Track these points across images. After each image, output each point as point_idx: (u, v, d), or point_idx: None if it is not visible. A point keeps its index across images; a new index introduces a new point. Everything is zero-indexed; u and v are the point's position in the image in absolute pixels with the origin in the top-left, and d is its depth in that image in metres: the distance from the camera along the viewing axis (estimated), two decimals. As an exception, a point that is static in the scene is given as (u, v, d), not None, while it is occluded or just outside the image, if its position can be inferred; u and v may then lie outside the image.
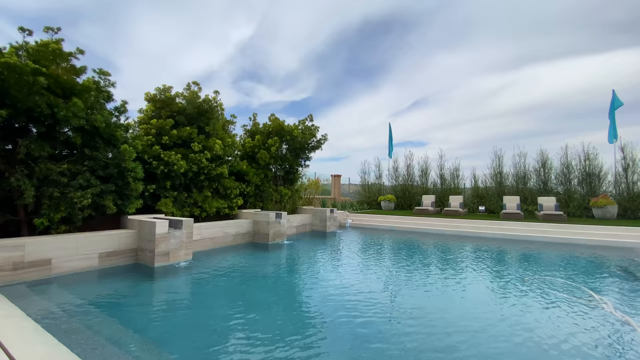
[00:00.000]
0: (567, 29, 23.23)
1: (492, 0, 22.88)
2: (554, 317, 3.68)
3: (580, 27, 22.89)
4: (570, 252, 8.01)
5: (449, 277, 5.45)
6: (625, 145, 12.86)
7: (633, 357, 2.71)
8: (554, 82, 25.86)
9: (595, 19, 21.76)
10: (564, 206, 13.12)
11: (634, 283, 5.21)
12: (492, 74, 28.25)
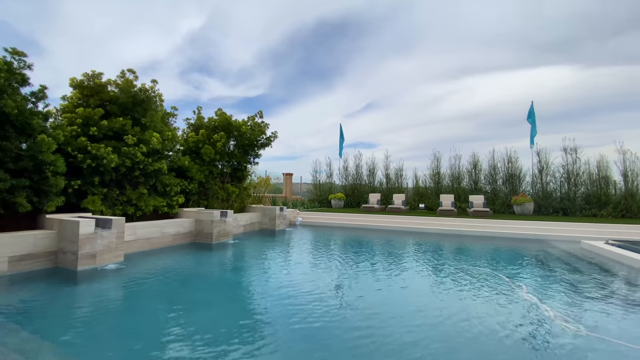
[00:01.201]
0: (501, 45, 25.98)
1: (437, 13, 24.71)
2: (482, 303, 4.10)
3: (512, 44, 25.76)
4: (496, 244, 8.98)
5: (394, 272, 5.75)
6: (540, 151, 14.77)
7: (541, 333, 3.12)
8: (489, 92, 28.78)
9: (525, 38, 24.66)
10: (491, 203, 14.66)
11: (544, 270, 6.01)
12: (436, 82, 30.48)
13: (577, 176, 13.78)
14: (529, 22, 23.44)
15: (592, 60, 24.87)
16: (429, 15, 24.97)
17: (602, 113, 26.08)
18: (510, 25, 23.92)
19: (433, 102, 31.88)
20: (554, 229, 10.44)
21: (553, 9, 22.53)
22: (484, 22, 24.30)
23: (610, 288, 4.79)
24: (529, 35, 24.29)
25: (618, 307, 3.95)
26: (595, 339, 2.92)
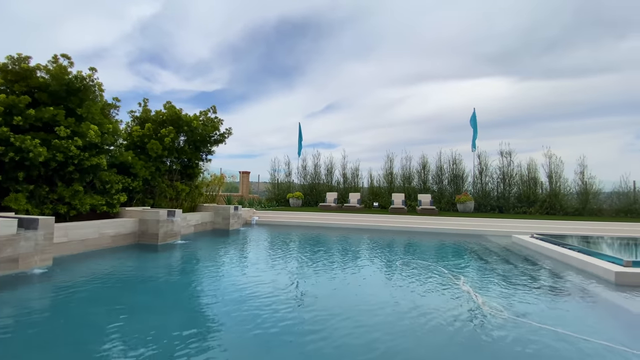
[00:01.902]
0: (450, 55, 27.92)
1: (396, 20, 25.82)
2: (428, 296, 4.37)
3: (460, 55, 27.80)
4: (441, 239, 9.63)
5: (350, 270, 5.88)
6: (480, 154, 16.16)
7: (473, 321, 3.41)
8: (440, 98, 30.73)
9: (471, 50, 26.74)
10: (437, 202, 15.70)
11: (480, 262, 6.58)
12: (394, 86, 31.82)
13: (511, 177, 15.31)
14: (473, 35, 25.51)
15: (526, 74, 27.81)
16: (388, 22, 26.03)
17: (534, 121, 29.28)
18: (458, 37, 25.84)
19: (390, 105, 33.28)
20: (491, 225, 11.49)
21: (494, 24, 24.77)
22: (435, 33, 25.95)
23: (532, 276, 5.41)
24: (473, 48, 26.44)
25: (538, 293, 4.47)
26: (522, 323, 3.28)
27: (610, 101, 26.29)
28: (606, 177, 14.59)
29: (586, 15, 22.89)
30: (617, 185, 14.36)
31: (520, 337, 2.88)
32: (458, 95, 29.60)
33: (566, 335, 2.93)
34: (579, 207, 13.92)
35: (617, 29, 23.54)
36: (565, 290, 4.61)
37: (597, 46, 24.16)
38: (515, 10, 23.28)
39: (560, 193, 14.29)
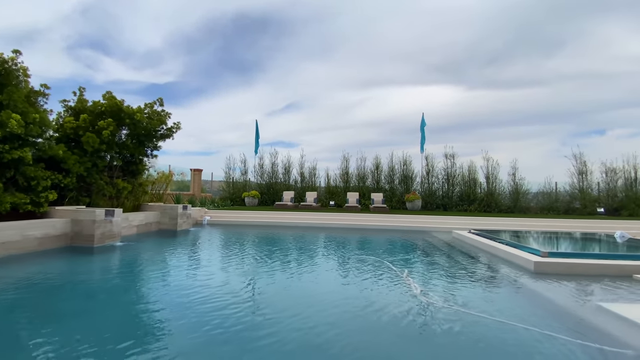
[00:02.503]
0: (405, 62, 29.33)
1: (357, 23, 26.43)
2: (380, 292, 4.54)
3: (413, 63, 29.34)
4: (391, 235, 10.09)
5: (304, 268, 5.90)
6: (428, 156, 17.22)
7: (420, 313, 3.63)
8: (395, 103, 32.12)
9: (423, 59, 28.36)
10: (389, 200, 16.44)
11: (424, 256, 7.02)
12: (353, 89, 32.53)
13: (454, 178, 16.54)
14: (424, 44, 27.12)
15: (472, 83, 30.25)
16: (349, 25, 26.56)
17: (477, 127, 31.96)
18: (410, 45, 27.28)
19: (349, 107, 34.01)
20: (435, 221, 12.33)
21: (443, 36, 26.56)
22: (391, 39, 27.08)
23: (467, 268, 5.91)
24: (424, 56, 28.11)
25: (470, 283, 4.91)
26: (462, 312, 3.57)
27: (540, 111, 29.65)
28: (534, 179, 16.43)
29: (523, 34, 25.59)
30: (542, 186, 16.24)
31: (456, 325, 3.15)
32: (411, 101, 31.28)
33: (494, 321, 3.27)
34: (511, 205, 15.49)
35: (546, 48, 26.66)
36: (493, 280, 5.12)
37: (530, 62, 27.10)
38: (462, 24, 25.21)
39: (496, 192, 15.79)
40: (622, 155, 15.15)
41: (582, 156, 15.25)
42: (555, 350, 2.66)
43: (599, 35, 23.69)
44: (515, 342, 2.82)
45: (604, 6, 22.40)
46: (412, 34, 26.46)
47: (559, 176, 16.11)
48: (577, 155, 15.34)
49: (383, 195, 15.75)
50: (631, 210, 13.71)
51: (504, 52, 27.30)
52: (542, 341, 2.80)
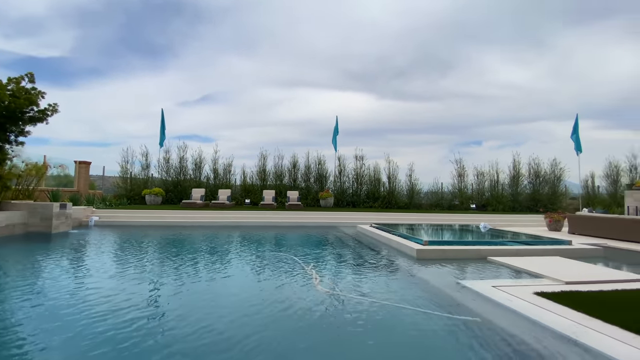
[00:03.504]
0: (325, 66, 30.39)
1: (280, 21, 26.15)
2: (288, 287, 4.54)
3: (332, 68, 30.61)
4: (304, 231, 10.36)
5: (211, 271, 5.53)
6: (340, 157, 18.28)
7: (319, 301, 3.76)
8: (315, 104, 33.04)
9: (341, 65, 29.82)
10: (304, 198, 16.90)
11: (333, 249, 7.40)
12: (275, 87, 32.15)
13: (362, 178, 17.95)
14: (341, 52, 28.68)
15: (382, 93, 33.29)
16: (274, 22, 26.13)
17: (386, 133, 35.32)
18: (329, 51, 28.48)
19: (271, 105, 33.60)
20: (345, 217, 13.19)
21: (358, 47, 28.52)
22: (311, 42, 27.80)
23: (365, 257, 6.49)
24: (342, 63, 29.73)
25: (369, 271, 5.39)
26: (359, 299, 3.85)
27: (435, 123, 34.57)
28: (426, 180, 18.99)
29: (423, 55, 29.35)
30: (431, 186, 18.90)
31: (353, 312, 3.41)
32: (329, 104, 32.75)
33: (384, 304, 3.66)
34: (407, 202, 17.63)
35: (441, 69, 31.14)
36: (386, 267, 5.75)
37: (429, 80, 31.28)
38: (375, 39, 27.54)
39: (396, 191, 17.74)
40: (489, 162, 18.77)
41: (461, 162, 18.32)
42: (433, 325, 3.14)
43: (479, 63, 28.87)
44: (399, 321, 3.23)
45: (482, 39, 27.39)
46: (333, 40, 27.72)
47: (445, 178, 19.02)
48: (458, 160, 18.37)
49: (299, 193, 16.10)
50: (494, 206, 17.08)
51: (408, 69, 30.94)
52: (419, 317, 3.28)
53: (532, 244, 7.04)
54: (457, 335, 2.88)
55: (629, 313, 3.18)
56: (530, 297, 3.65)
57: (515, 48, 28.27)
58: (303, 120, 34.79)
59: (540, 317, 3.07)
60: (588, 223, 9.68)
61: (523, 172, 17.74)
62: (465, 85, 29.99)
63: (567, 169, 17.32)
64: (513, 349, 2.61)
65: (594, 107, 30.60)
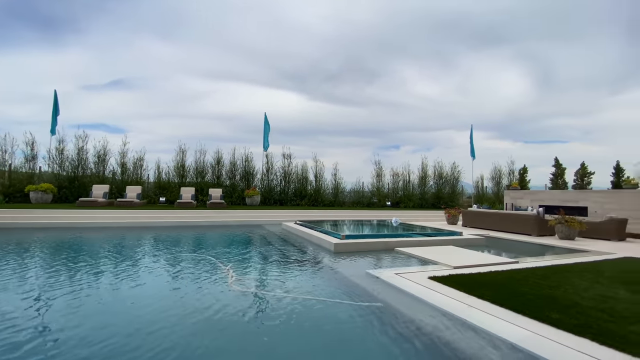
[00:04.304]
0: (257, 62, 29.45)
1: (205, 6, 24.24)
2: (208, 291, 4.21)
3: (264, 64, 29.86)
4: (226, 230, 9.89)
5: (117, 277, 4.83)
6: (268, 154, 18.06)
7: (239, 302, 3.59)
8: (244, 99, 31.83)
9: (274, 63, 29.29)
10: (229, 196, 16.23)
11: (258, 248, 7.22)
12: (200, 77, 29.76)
13: (290, 176, 18.06)
14: (275, 49, 28.31)
15: (314, 95, 33.94)
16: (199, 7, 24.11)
17: (315, 134, 36.13)
18: (262, 46, 27.82)
19: (197, 97, 31.12)
20: (271, 215, 13.08)
21: (291, 46, 28.53)
22: (241, 35, 26.69)
23: (287, 253, 6.54)
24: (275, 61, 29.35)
25: (291, 267, 5.43)
26: (281, 296, 3.80)
27: (361, 126, 36.65)
28: (349, 179, 20.05)
29: (351, 62, 30.83)
30: (354, 184, 20.05)
31: (275, 309, 3.37)
32: (260, 100, 32.03)
33: (296, 297, 3.71)
34: (332, 200, 18.39)
35: (367, 77, 33.16)
36: (306, 262, 5.89)
37: (356, 86, 33.01)
38: (307, 41, 27.90)
39: (322, 189, 18.33)
40: (403, 164, 20.75)
41: (379, 163, 19.85)
42: (340, 313, 3.30)
43: (400, 75, 31.65)
44: (309, 312, 3.32)
45: (404, 54, 30.09)
46: (266, 37, 27.05)
47: (366, 178, 20.38)
48: (377, 162, 19.88)
49: (222, 191, 15.37)
50: (406, 203, 18.95)
51: (338, 73, 32.20)
52: (328, 307, 3.43)
53: (432, 235, 8.03)
54: (362, 320, 3.12)
55: (496, 289, 3.88)
56: (425, 281, 4.16)
57: (429, 64, 31.83)
58: (231, 115, 33.27)
59: (430, 298, 3.52)
60: (476, 217, 11.48)
61: (429, 173, 20.09)
62: (387, 93, 32.61)
63: (463, 172, 20.23)
64: (406, 327, 2.95)
65: (486, 121, 36.44)
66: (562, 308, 3.23)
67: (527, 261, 5.64)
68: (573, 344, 2.47)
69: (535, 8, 25.22)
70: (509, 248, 7.82)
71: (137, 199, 13.34)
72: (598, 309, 3.23)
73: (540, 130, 33.13)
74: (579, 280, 4.37)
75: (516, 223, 9.94)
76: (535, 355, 2.34)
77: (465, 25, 27.18)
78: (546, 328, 2.76)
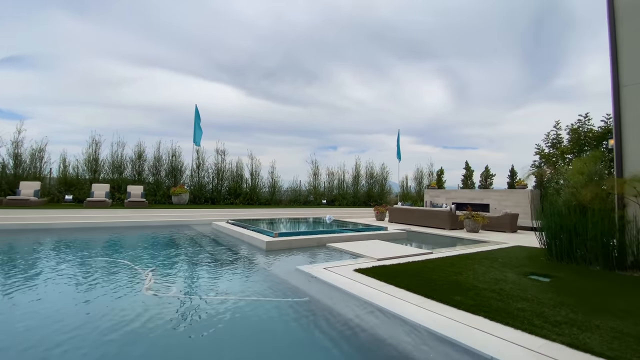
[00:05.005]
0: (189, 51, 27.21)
1: None
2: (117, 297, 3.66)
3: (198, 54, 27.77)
4: (148, 232, 8.96)
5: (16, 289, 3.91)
6: (199, 150, 16.96)
7: (161, 308, 3.21)
8: (175, 90, 29.19)
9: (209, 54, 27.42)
10: (153, 194, 14.82)
11: (182, 250, 6.66)
12: (122, 61, 26.19)
13: (223, 173, 17.26)
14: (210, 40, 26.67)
15: (252, 91, 32.86)
16: None
17: (253, 131, 35.14)
18: (195, 35, 25.92)
19: (117, 82, 27.43)
20: (201, 215, 12.31)
21: (228, 39, 27.19)
22: (171, 21, 24.49)
23: (217, 254, 6.21)
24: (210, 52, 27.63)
25: (220, 267, 5.14)
26: (211, 298, 3.51)
27: (301, 126, 36.78)
28: (287, 178, 20.01)
29: (291, 61, 30.69)
30: (291, 183, 20.07)
31: (210, 311, 3.11)
32: (193, 92, 29.83)
33: (226, 299, 3.52)
34: (269, 198, 18.13)
35: (307, 77, 33.37)
36: (236, 262, 5.67)
37: (296, 86, 33.00)
38: (246, 35, 26.91)
39: (258, 187, 17.94)
40: (338, 164, 21.50)
41: (316, 162, 20.25)
42: (268, 310, 3.23)
43: (338, 78, 32.63)
44: (237, 312, 3.18)
45: (341, 58, 31.06)
46: (201, 24, 25.28)
47: (303, 177, 20.59)
48: (314, 161, 20.23)
49: (144, 189, 13.94)
50: (340, 201, 19.67)
51: (278, 71, 31.84)
52: (260, 306, 3.34)
53: (361, 230, 8.48)
54: (287, 316, 3.12)
55: (411, 278, 4.24)
56: (350, 273, 4.35)
57: (364, 70, 33.54)
58: (159, 106, 30.32)
59: (353, 289, 3.70)
60: (401, 214, 12.48)
61: (362, 173, 21.19)
62: (326, 95, 33.39)
63: (391, 173, 21.81)
64: (329, 317, 3.03)
65: (412, 127, 39.89)
66: (463, 291, 3.69)
67: (440, 252, 6.31)
68: (469, 321, 2.83)
69: (453, 30, 28.44)
70: (426, 240, 8.67)
71: (35, 197, 11.31)
72: (491, 290, 3.77)
73: (456, 137, 37.56)
74: (479, 267, 5.05)
75: (433, 218, 11.07)
76: (435, 332, 2.62)
77: (394, 37, 29.34)
78: (449, 309, 3.12)
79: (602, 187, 5.68)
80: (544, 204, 6.21)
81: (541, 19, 27.76)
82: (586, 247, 5.28)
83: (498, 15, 27.37)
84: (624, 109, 5.58)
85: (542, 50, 30.00)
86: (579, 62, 30.54)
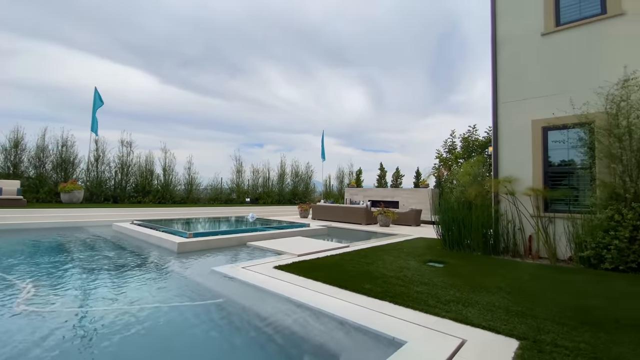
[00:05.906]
0: (91, 26, 22.93)
1: None
2: None
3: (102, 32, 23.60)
4: (31, 236, 7.31)
5: None
6: (99, 140, 14.68)
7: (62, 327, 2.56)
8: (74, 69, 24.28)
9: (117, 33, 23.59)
10: (35, 191, 12.26)
11: (75, 255, 5.59)
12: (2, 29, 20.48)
13: (129, 167, 15.29)
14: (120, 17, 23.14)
15: (167, 78, 29.70)
16: None
17: (168, 122, 31.82)
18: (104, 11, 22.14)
19: None
20: (99, 215, 10.66)
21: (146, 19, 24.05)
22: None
23: (117, 260, 5.44)
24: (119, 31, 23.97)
25: (127, 275, 4.48)
26: (114, 310, 2.96)
27: (224, 120, 34.82)
28: (207, 174, 18.78)
29: (212, 52, 28.79)
30: (212, 180, 18.94)
31: (107, 324, 2.62)
32: (95, 73, 25.35)
33: (128, 309, 3.08)
34: (185, 196, 16.76)
35: (231, 70, 31.73)
36: (144, 267, 5.06)
37: (218, 78, 31.09)
38: (162, 15, 24.16)
39: (172, 184, 16.41)
40: (263, 161, 21.16)
41: (240, 159, 19.54)
42: (179, 315, 2.95)
43: (264, 74, 31.89)
44: (145, 321, 2.83)
45: (268, 54, 30.46)
46: None
47: (226, 174, 19.65)
48: (237, 158, 19.48)
49: (22, 184, 11.42)
50: (265, 199, 19.38)
51: (198, 61, 29.55)
52: (169, 312, 3.02)
53: (283, 228, 8.50)
54: (198, 319, 2.92)
55: (328, 271, 4.42)
56: (269, 271, 4.32)
57: (291, 69, 33.65)
58: (47, 86, 25.00)
59: (271, 286, 3.67)
60: (323, 211, 12.94)
61: (287, 171, 21.29)
62: (251, 91, 32.38)
63: (316, 172, 22.44)
64: (244, 316, 2.95)
65: (336, 129, 41.65)
66: (372, 279, 4.01)
67: (356, 245, 6.75)
68: (376, 306, 3.09)
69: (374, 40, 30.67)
70: (345, 235, 9.18)
71: None
72: (396, 277, 4.18)
73: (374, 141, 40.62)
74: (388, 257, 5.55)
75: (351, 215, 11.78)
76: (345, 320, 2.78)
77: (320, 41, 30.25)
78: (360, 297, 3.35)
79: (484, 187, 6.84)
80: (441, 201, 7.19)
81: (443, 41, 32.08)
82: (471, 237, 6.30)
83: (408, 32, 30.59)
84: (501, 122, 6.82)
85: (443, 68, 34.67)
86: (471, 80, 36.25)
